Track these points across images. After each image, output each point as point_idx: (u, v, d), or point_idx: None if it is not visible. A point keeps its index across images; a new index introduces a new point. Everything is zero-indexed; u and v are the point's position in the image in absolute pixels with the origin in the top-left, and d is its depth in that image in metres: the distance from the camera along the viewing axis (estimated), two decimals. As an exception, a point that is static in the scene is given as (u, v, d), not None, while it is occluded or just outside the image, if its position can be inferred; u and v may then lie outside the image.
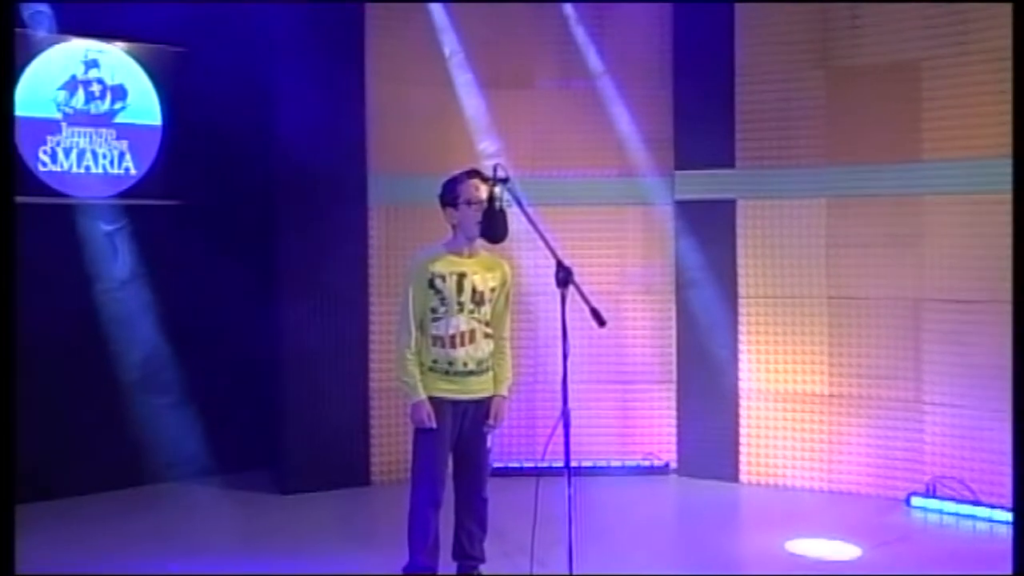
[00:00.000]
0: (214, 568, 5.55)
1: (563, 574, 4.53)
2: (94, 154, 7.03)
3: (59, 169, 6.90)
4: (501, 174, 4.73)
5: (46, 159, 6.85)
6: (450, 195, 4.91)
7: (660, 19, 7.56)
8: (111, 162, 7.10)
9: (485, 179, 4.83)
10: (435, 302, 4.88)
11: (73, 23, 6.87)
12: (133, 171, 7.18)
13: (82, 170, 6.99)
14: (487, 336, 4.95)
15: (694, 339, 7.46)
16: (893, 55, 6.80)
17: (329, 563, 5.66)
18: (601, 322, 4.42)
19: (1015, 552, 4.69)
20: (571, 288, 4.52)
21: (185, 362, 7.26)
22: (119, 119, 7.12)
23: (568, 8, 7.58)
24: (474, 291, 4.91)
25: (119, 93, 7.10)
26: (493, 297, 4.97)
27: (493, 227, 4.76)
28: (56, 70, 6.87)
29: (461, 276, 4.90)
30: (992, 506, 6.35)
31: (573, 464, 4.53)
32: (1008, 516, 6.09)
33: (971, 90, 6.45)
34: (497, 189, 4.73)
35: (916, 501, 6.70)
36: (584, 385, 7.06)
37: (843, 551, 5.93)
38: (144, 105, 7.21)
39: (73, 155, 6.95)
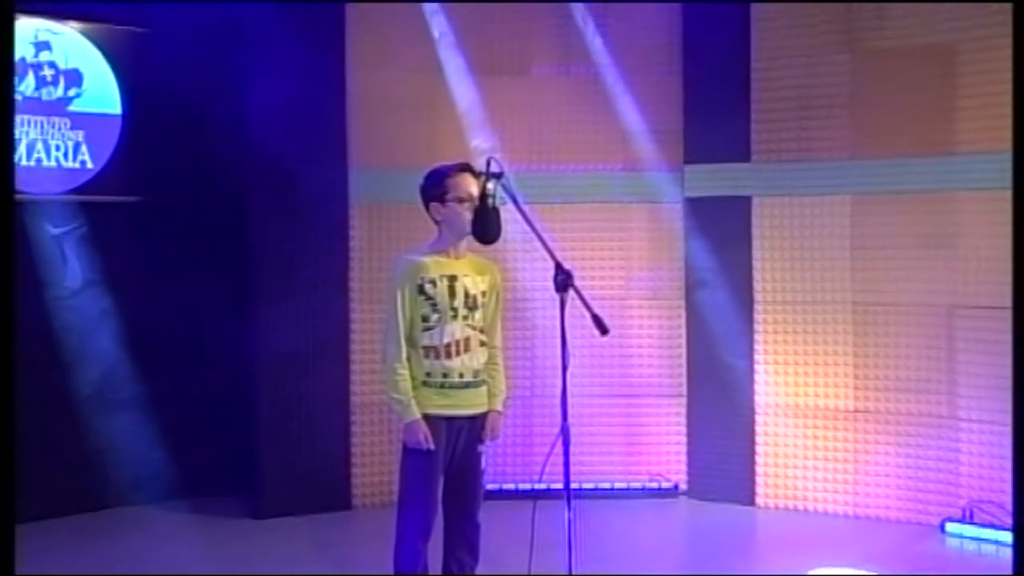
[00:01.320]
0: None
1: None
2: (46, 145, 7.00)
3: (8, 163, 6.86)
4: (495, 168, 4.66)
5: (-8, 151, 6.81)
6: (436, 189, 4.83)
7: (669, -1, 7.56)
8: (65, 154, 7.07)
9: (477, 174, 4.77)
10: (426, 309, 4.80)
11: (22, 0, 6.77)
12: (90, 164, 7.17)
13: (33, 163, 6.96)
14: (482, 344, 4.91)
15: (706, 349, 7.46)
16: (925, 37, 6.80)
17: (306, 595, 5.67)
18: (604, 330, 4.37)
19: (1015, 554, 4.72)
20: (571, 293, 4.46)
21: (149, 376, 7.26)
22: (74, 107, 7.09)
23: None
24: (467, 295, 4.85)
25: (74, 78, 7.08)
26: (484, 301, 4.92)
27: (485, 226, 4.70)
28: (3, 53, 6.82)
29: (452, 279, 4.83)
30: (1034, 533, 6.32)
31: (573, 486, 4.48)
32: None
33: (1010, 76, 6.37)
34: (490, 185, 4.66)
35: (951, 527, 6.69)
36: (586, 399, 7.12)
37: (871, 582, 5.91)
38: (102, 92, 7.19)
39: (23, 147, 6.91)
